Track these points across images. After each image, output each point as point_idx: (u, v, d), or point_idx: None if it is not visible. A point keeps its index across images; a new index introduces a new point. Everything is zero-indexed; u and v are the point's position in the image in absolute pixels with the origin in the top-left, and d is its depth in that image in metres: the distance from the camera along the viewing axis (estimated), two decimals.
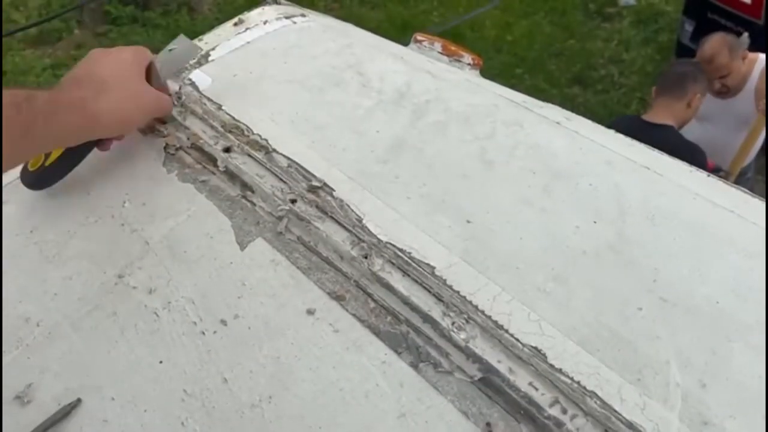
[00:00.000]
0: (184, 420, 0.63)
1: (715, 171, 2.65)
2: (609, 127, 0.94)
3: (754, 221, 0.77)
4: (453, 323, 0.66)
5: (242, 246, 0.76)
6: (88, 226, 0.81)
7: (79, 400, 0.65)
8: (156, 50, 0.89)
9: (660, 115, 2.31)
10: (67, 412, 0.64)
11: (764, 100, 2.38)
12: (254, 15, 1.12)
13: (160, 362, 0.67)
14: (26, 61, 4.45)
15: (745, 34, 2.63)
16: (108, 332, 0.70)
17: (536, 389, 0.61)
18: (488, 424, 0.60)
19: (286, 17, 1.12)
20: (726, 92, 2.55)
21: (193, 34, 1.05)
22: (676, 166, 0.86)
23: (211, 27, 1.14)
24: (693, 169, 0.85)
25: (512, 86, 1.01)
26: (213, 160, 0.85)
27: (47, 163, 0.82)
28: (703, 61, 2.44)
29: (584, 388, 0.60)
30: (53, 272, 0.77)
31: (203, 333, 0.69)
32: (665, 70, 2.45)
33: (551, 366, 0.62)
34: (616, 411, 0.59)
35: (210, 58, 1.02)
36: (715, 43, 2.47)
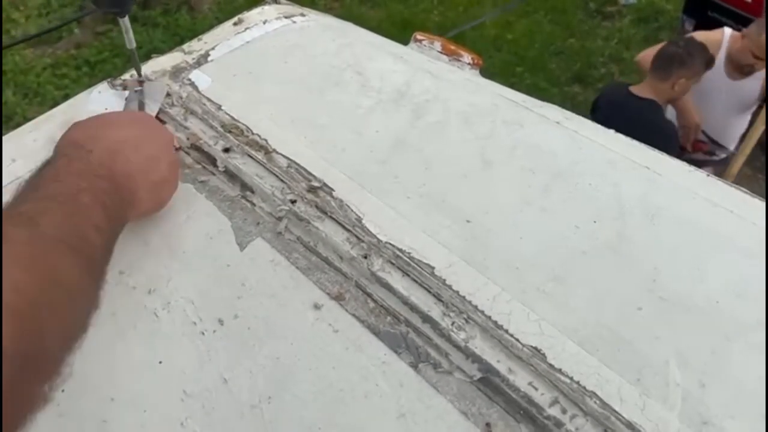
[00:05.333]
0: (183, 420, 0.63)
1: (713, 142, 2.68)
2: (601, 95, 0.94)
3: (754, 221, 0.77)
4: (452, 323, 0.66)
5: (242, 246, 0.76)
6: None
7: None
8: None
9: (645, 90, 2.39)
10: None
11: None
12: (254, 15, 1.12)
13: (160, 362, 0.67)
14: (26, 60, 4.45)
15: None
16: (107, 332, 0.70)
17: (536, 389, 0.61)
18: (488, 425, 0.60)
19: (286, 17, 1.12)
20: (751, 72, 2.55)
21: (193, 33, 1.05)
22: (676, 166, 0.86)
23: (211, 26, 1.14)
24: (692, 168, 0.85)
25: (512, 85, 1.01)
26: (213, 161, 0.85)
27: None
28: None
29: (584, 388, 0.60)
30: None
31: (203, 333, 0.69)
32: (660, 50, 2.47)
33: (551, 366, 0.62)
34: (615, 411, 0.59)
35: (209, 58, 1.02)
36: None
